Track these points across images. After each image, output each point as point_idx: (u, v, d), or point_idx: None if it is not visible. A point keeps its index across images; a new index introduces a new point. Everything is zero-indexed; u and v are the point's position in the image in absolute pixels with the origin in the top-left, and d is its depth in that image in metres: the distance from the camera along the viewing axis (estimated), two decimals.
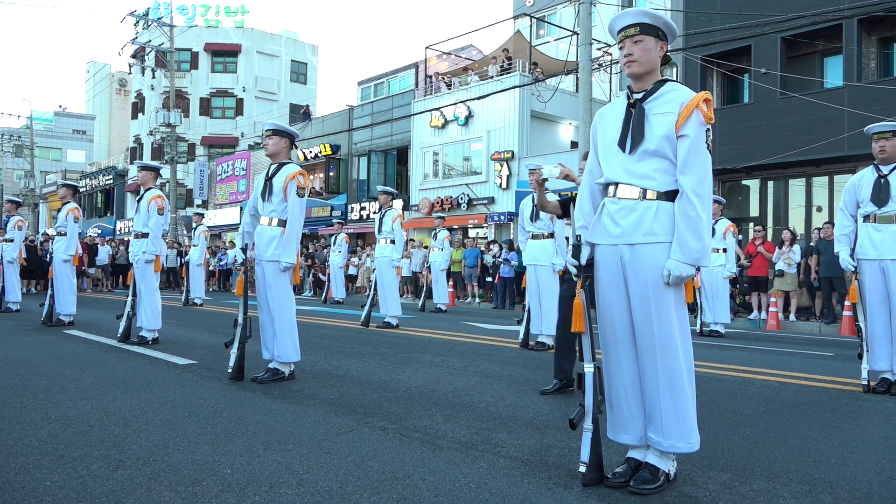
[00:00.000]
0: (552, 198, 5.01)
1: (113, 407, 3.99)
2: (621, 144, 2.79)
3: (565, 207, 4.81)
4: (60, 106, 63.53)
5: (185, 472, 2.81)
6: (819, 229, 12.17)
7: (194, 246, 14.07)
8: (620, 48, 2.81)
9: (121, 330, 7.02)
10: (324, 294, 17.02)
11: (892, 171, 4.89)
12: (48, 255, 9.20)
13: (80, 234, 9.03)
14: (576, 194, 4.56)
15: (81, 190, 42.79)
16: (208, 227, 16.12)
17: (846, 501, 2.62)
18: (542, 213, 6.71)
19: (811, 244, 12.08)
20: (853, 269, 5.08)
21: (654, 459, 2.72)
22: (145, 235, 6.94)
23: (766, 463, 3.09)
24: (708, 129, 2.69)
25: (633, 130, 2.75)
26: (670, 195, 2.70)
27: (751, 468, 3.00)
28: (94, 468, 2.84)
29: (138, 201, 7.09)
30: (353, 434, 3.46)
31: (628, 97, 2.83)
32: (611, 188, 2.83)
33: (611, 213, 2.79)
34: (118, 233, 35.12)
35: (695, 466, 2.97)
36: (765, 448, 3.35)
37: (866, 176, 5.03)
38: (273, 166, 5.05)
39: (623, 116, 2.81)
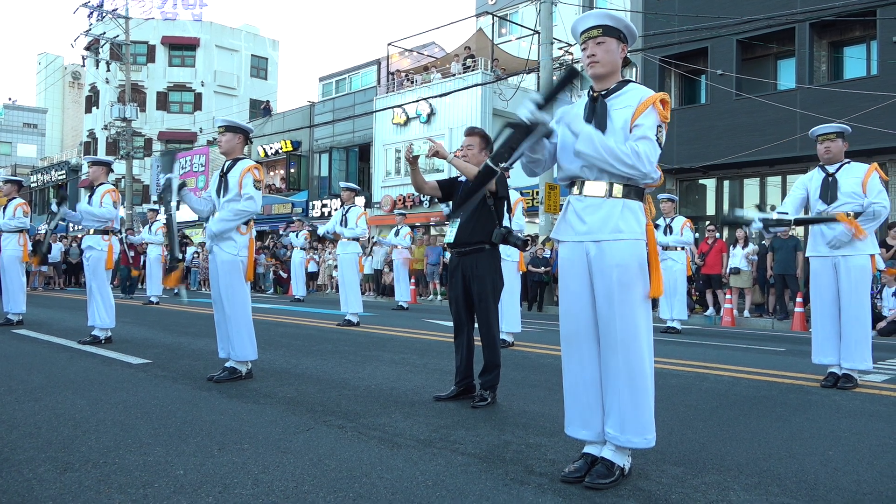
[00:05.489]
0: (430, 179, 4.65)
1: (62, 408, 3.88)
2: None
3: (445, 190, 4.54)
4: (10, 98, 61.62)
5: (137, 473, 2.75)
6: None
7: (151, 243, 13.79)
8: (583, 49, 2.84)
9: None
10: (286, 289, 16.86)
11: (838, 169, 5.02)
12: None
13: (27, 230, 8.75)
14: (456, 177, 4.56)
15: (32, 185, 41.59)
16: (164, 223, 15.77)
17: (793, 492, 2.69)
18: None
19: (764, 242, 12.38)
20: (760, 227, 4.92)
21: (610, 454, 2.76)
22: (97, 232, 6.78)
23: (717, 456, 3.15)
24: (660, 126, 2.73)
25: (595, 123, 2.77)
26: (638, 193, 2.75)
27: (703, 461, 3.06)
28: (41, 471, 2.76)
29: (90, 197, 6.91)
30: (310, 433, 3.42)
31: (590, 95, 2.86)
32: (576, 186, 2.85)
33: (577, 211, 2.82)
34: (71, 229, 34.25)
35: (649, 460, 3.02)
36: (717, 442, 3.42)
37: (815, 177, 5.14)
38: (227, 162, 4.98)
39: (585, 112, 2.84)
